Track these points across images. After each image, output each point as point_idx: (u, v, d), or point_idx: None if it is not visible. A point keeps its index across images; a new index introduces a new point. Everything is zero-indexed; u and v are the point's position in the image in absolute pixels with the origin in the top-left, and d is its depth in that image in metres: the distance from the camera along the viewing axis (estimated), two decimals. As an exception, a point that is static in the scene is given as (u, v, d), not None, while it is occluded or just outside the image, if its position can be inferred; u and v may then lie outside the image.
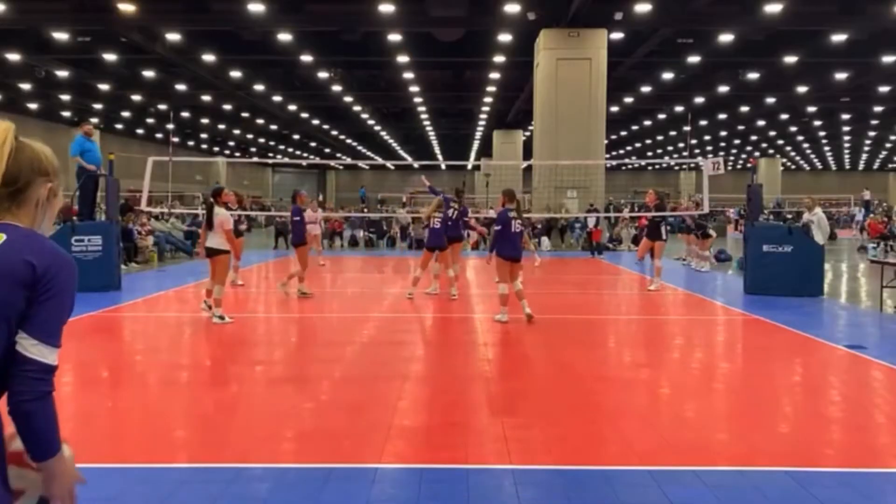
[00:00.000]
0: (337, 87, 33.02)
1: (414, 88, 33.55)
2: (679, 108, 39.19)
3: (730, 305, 11.49)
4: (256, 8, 21.02)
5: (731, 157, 66.75)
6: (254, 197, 62.34)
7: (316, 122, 46.25)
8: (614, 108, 35.71)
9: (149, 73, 30.91)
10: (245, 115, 43.87)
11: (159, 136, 51.03)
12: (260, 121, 46.16)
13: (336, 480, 4.15)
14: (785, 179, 64.05)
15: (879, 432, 5.25)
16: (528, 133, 41.49)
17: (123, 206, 19.83)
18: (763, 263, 12.51)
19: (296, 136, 56.52)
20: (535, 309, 9.97)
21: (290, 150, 64.79)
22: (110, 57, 27.19)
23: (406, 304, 11.73)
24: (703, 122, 44.75)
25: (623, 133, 50.86)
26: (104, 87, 32.99)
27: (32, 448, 1.81)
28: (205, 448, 4.76)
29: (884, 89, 33.10)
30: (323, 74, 30.62)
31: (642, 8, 20.85)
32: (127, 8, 21.13)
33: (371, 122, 45.46)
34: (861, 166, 75.77)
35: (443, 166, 68.77)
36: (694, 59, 26.97)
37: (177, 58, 27.21)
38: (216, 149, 62.58)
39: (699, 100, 35.98)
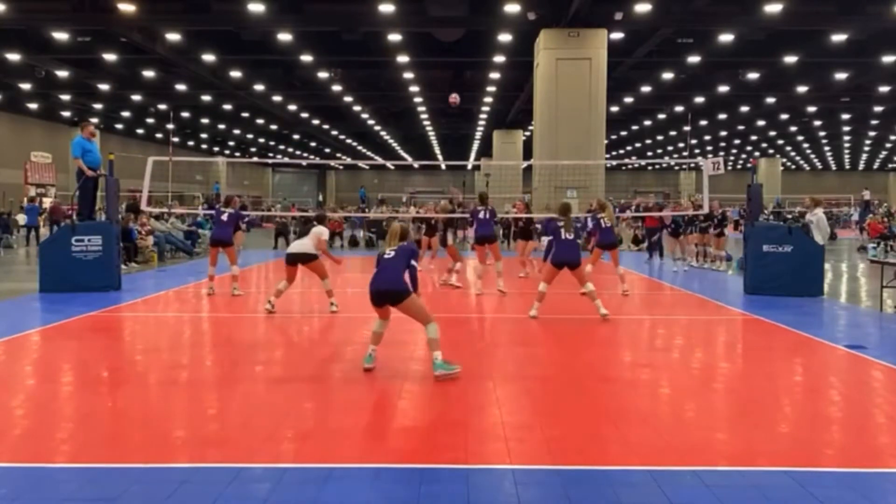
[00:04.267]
0: (337, 87, 33.01)
1: (414, 88, 33.54)
2: (679, 108, 39.18)
3: (730, 305, 11.49)
4: (256, 8, 21.01)
5: (731, 157, 66.75)
6: (254, 197, 62.41)
7: (316, 122, 46.23)
8: (614, 108, 35.70)
9: (149, 73, 30.89)
10: (245, 115, 43.86)
11: (159, 136, 51.02)
12: (260, 121, 46.15)
13: (336, 480, 4.15)
14: (785, 179, 64.07)
15: (879, 432, 5.25)
16: (528, 133, 41.47)
17: (130, 206, 19.86)
18: (763, 263, 12.51)
19: (296, 136, 56.50)
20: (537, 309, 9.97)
21: (290, 150, 64.77)
22: (110, 57, 27.18)
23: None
24: (703, 122, 44.74)
25: (623, 133, 50.85)
26: (104, 87, 32.98)
27: None
28: (205, 448, 4.76)
29: (884, 89, 33.09)
30: (323, 74, 30.60)
31: (642, 8, 20.84)
32: (127, 8, 21.12)
33: (371, 122, 45.45)
34: (861, 166, 75.77)
35: (443, 166, 68.80)
36: (694, 59, 26.96)
37: (177, 58, 27.20)
38: (216, 149, 62.58)
39: (699, 100, 35.97)
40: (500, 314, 11.04)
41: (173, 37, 25.26)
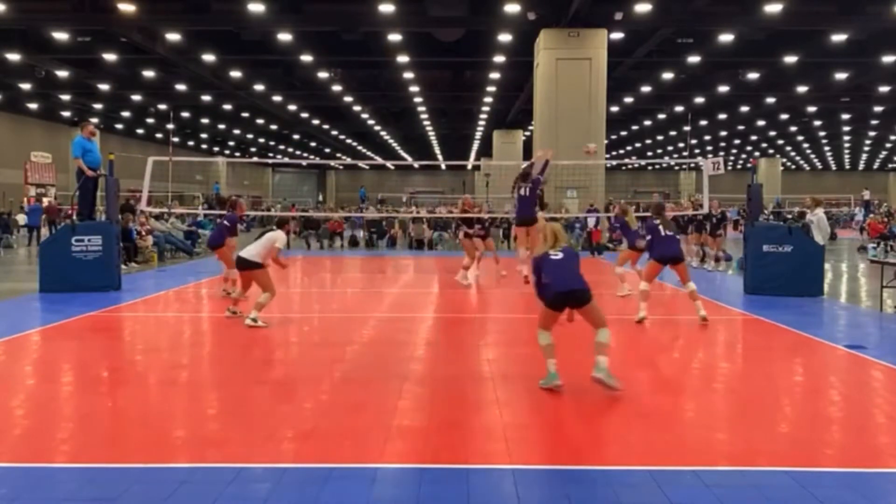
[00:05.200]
0: (337, 87, 33.01)
1: (414, 88, 33.55)
2: (679, 108, 39.17)
3: (730, 305, 11.48)
4: (256, 8, 21.02)
5: (731, 157, 66.74)
6: (254, 197, 62.40)
7: (316, 122, 46.23)
8: (614, 108, 35.68)
9: (149, 73, 30.89)
10: (245, 115, 43.86)
11: (159, 136, 51.01)
12: (260, 121, 46.14)
13: (336, 480, 4.15)
14: (785, 179, 64.05)
15: (879, 432, 5.25)
16: (528, 133, 41.47)
17: (124, 206, 19.83)
18: (763, 263, 12.50)
19: (296, 136, 56.49)
20: (535, 309, 9.91)
21: (290, 150, 64.76)
22: (110, 57, 27.18)
23: (406, 304, 11.73)
24: (703, 122, 44.73)
25: (623, 133, 50.84)
26: (104, 87, 32.98)
27: None
28: (205, 448, 4.76)
29: (884, 89, 33.09)
30: (323, 74, 30.61)
31: (642, 8, 20.84)
32: (127, 8, 21.12)
33: (371, 122, 45.45)
34: (861, 166, 75.76)
35: (443, 166, 68.78)
36: (694, 59, 26.96)
37: (177, 58, 27.20)
38: (216, 149, 62.55)
39: (699, 100, 35.96)
40: (501, 314, 11.03)
41: (173, 37, 25.26)
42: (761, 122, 45.77)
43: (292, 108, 40.37)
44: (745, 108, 39.74)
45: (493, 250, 14.71)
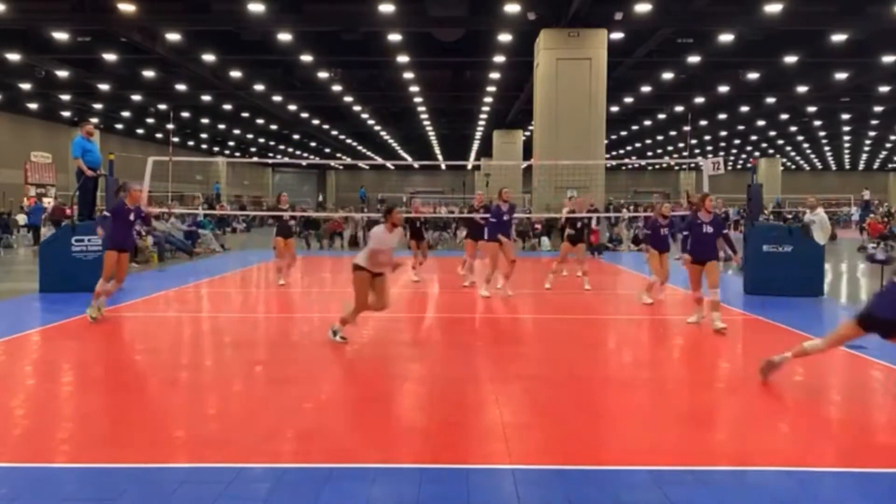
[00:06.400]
0: (337, 87, 33.01)
1: (414, 88, 33.55)
2: (679, 108, 39.16)
3: (730, 305, 11.46)
4: (256, 8, 21.02)
5: (731, 157, 66.71)
6: (254, 197, 62.40)
7: (316, 122, 46.23)
8: (614, 108, 35.68)
9: (149, 73, 30.88)
10: (245, 115, 43.84)
11: (159, 136, 50.99)
12: (260, 121, 46.13)
13: (336, 480, 4.15)
14: (785, 179, 64.03)
15: (879, 432, 5.25)
16: (528, 133, 41.46)
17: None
18: (763, 263, 12.51)
19: (296, 136, 56.48)
20: (536, 309, 9.97)
21: (290, 150, 64.74)
22: (110, 57, 27.17)
23: (406, 304, 11.73)
24: (703, 122, 44.72)
25: (623, 133, 50.83)
26: (104, 87, 32.97)
27: None
28: (205, 448, 4.76)
29: (884, 89, 33.08)
30: (323, 74, 30.61)
31: (642, 8, 20.84)
32: (127, 8, 21.12)
33: (371, 122, 45.45)
34: (861, 166, 75.75)
35: (443, 166, 68.76)
36: (694, 59, 26.96)
37: (177, 58, 27.20)
38: (216, 149, 62.55)
39: (699, 100, 35.96)
40: (501, 314, 11.03)
41: (173, 37, 25.26)
42: (761, 122, 45.76)
43: (292, 108, 40.37)
44: (745, 108, 39.73)
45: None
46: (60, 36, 24.69)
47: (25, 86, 32.74)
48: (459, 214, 15.71)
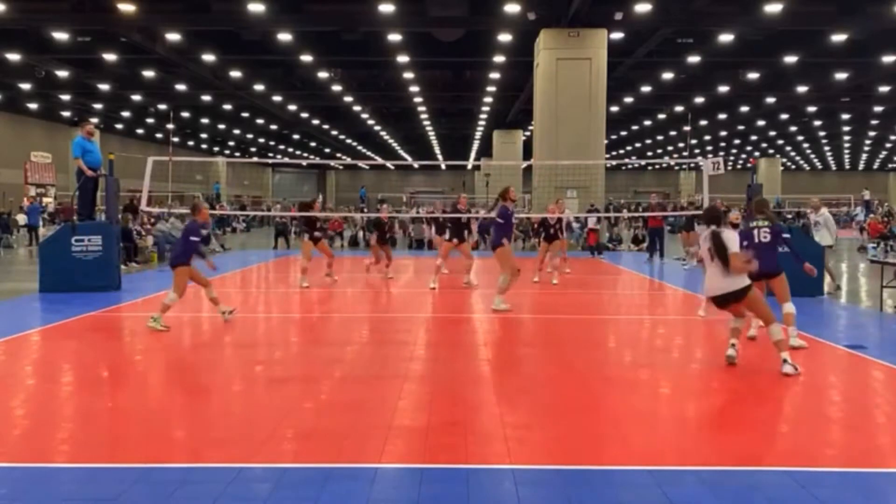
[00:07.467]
0: (337, 87, 33.02)
1: (414, 88, 33.54)
2: (679, 108, 39.17)
3: (730, 305, 11.45)
4: (256, 8, 21.01)
5: (731, 157, 66.73)
6: (254, 197, 62.39)
7: (316, 122, 46.23)
8: (614, 108, 35.69)
9: (149, 73, 30.89)
10: (245, 115, 43.85)
11: (159, 136, 51.01)
12: (260, 121, 46.14)
13: (336, 480, 4.15)
14: (785, 179, 64.03)
15: (879, 432, 5.25)
16: (528, 133, 41.46)
17: (127, 206, 19.84)
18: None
19: (296, 136, 56.49)
20: (536, 309, 9.96)
21: (290, 150, 64.76)
22: (110, 57, 27.17)
23: (405, 304, 11.73)
24: (703, 122, 44.74)
25: (623, 133, 50.84)
26: (104, 87, 32.98)
27: None
28: (205, 448, 4.76)
29: (884, 89, 33.07)
30: (323, 74, 30.61)
31: (642, 8, 20.84)
32: (127, 8, 21.11)
33: (371, 122, 45.45)
34: (861, 166, 75.76)
35: (443, 166, 68.78)
36: (694, 59, 26.96)
37: (177, 58, 27.20)
38: (216, 149, 62.55)
39: (699, 100, 35.96)
40: (501, 315, 11.02)
41: (173, 37, 25.26)
42: (761, 122, 45.76)
43: (292, 108, 40.38)
44: (745, 108, 39.74)
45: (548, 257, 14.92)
46: (60, 36, 24.70)
47: (25, 86, 32.75)
48: (442, 214, 15.76)
